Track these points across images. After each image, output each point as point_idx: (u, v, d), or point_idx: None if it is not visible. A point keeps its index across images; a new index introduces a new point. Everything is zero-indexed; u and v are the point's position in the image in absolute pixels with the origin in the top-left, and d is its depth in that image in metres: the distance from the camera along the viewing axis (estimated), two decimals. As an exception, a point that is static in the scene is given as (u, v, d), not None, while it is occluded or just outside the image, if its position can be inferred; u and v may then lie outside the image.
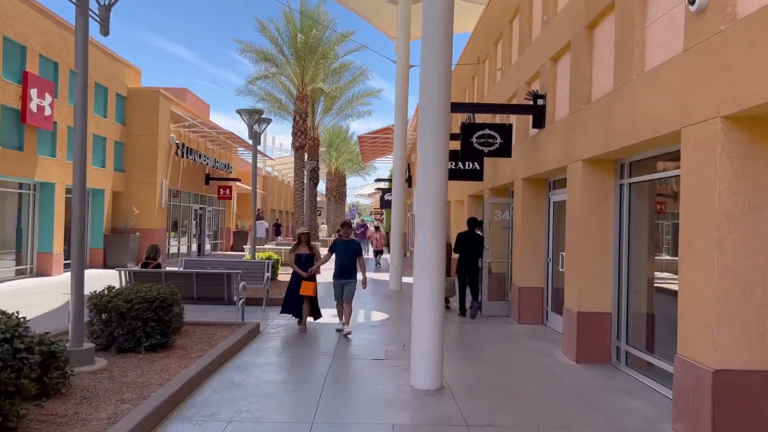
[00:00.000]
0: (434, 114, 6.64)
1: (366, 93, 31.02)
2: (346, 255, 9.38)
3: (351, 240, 9.58)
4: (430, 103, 6.67)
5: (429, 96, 6.67)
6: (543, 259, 10.81)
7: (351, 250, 9.43)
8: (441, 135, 6.64)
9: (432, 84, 6.66)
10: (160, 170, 22.17)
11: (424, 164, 6.67)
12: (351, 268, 9.38)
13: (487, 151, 9.68)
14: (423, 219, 6.64)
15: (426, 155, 6.66)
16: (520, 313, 10.86)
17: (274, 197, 46.18)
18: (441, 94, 6.61)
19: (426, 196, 6.66)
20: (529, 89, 10.12)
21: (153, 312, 7.23)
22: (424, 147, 6.69)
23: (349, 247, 9.45)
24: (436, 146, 6.67)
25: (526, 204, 10.84)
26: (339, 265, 9.38)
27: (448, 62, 6.77)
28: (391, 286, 15.71)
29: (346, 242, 9.50)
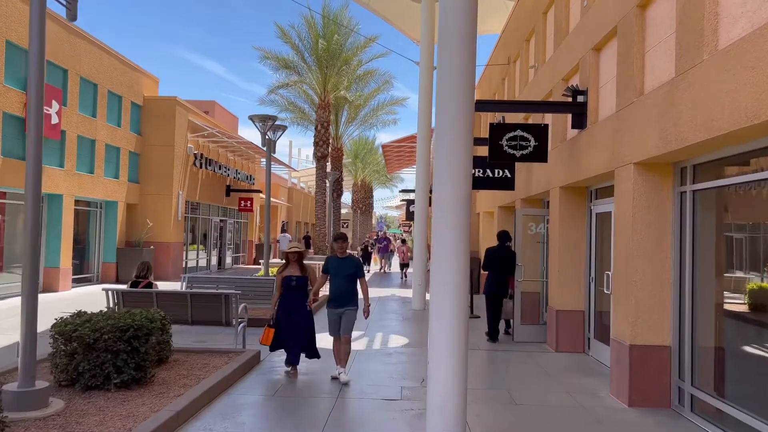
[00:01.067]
0: (454, 108, 5.48)
1: (391, 101, 30.03)
2: (343, 275, 7.44)
3: (348, 257, 7.59)
4: (450, 95, 5.50)
5: (448, 85, 5.51)
6: (584, 278, 9.50)
7: (348, 269, 7.46)
8: (462, 133, 5.48)
9: (452, 70, 5.51)
10: (176, 181, 21.39)
11: (441, 168, 5.50)
12: (349, 291, 7.45)
13: (519, 155, 8.45)
14: (441, 230, 5.46)
15: (444, 156, 5.49)
16: (558, 339, 9.55)
17: (299, 209, 45.38)
18: (462, 81, 5.45)
19: (446, 205, 5.48)
20: (567, 85, 8.89)
21: (126, 342, 6.16)
22: (440, 148, 5.52)
23: (346, 266, 7.48)
24: (457, 146, 5.50)
25: (564, 216, 9.57)
26: (334, 289, 7.48)
27: (472, 46, 5.61)
28: (414, 304, 14.49)
29: (341, 260, 7.53)
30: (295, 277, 7.68)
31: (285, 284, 7.67)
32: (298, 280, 7.69)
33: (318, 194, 25.64)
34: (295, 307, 7.69)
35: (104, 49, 18.47)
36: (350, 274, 7.45)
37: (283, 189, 40.71)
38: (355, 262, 7.60)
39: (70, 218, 16.89)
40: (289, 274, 7.69)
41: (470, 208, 5.54)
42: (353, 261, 7.61)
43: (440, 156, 5.53)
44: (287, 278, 7.68)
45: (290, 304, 7.71)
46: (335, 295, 7.46)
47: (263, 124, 14.32)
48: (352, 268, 7.49)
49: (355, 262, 7.60)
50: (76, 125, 16.99)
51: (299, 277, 7.69)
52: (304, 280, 7.73)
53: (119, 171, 19.64)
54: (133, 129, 20.60)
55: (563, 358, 9.13)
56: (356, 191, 51.72)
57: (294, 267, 7.73)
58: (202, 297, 8.71)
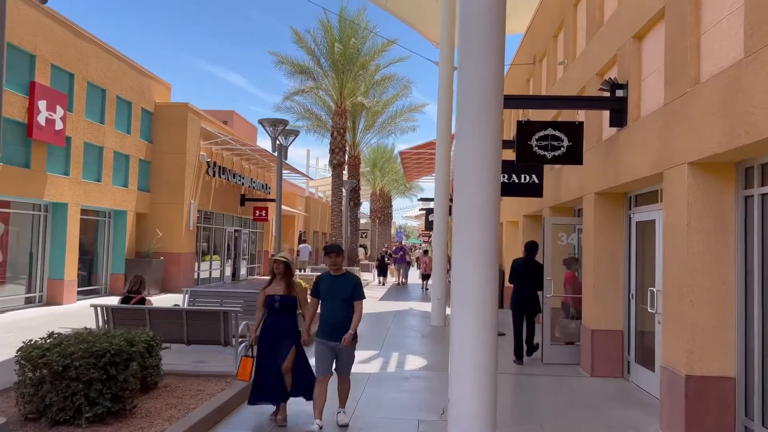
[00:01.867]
0: (480, 101, 4.65)
1: (410, 108, 29.21)
2: (338, 298, 5.81)
3: (344, 274, 5.95)
4: (475, 85, 4.67)
5: (472, 73, 4.68)
6: (622, 294, 8.54)
7: (344, 290, 5.83)
8: (490, 131, 4.64)
9: (477, 55, 4.67)
10: (188, 190, 20.76)
11: (464, 169, 4.65)
12: (347, 319, 5.80)
13: (551, 156, 7.55)
14: (464, 241, 4.59)
15: (468, 157, 4.64)
16: (594, 362, 8.57)
17: (317, 219, 44.72)
18: (490, 68, 4.61)
19: (469, 212, 4.62)
20: (603, 80, 7.98)
21: (101, 370, 5.36)
22: (463, 148, 4.68)
23: (341, 286, 5.85)
24: (483, 145, 4.66)
25: (600, 225, 8.62)
26: (326, 316, 5.84)
27: (501, 25, 4.77)
28: (434, 320, 13.57)
29: (336, 278, 5.91)
30: (279, 296, 6.04)
31: (267, 305, 6.09)
32: (283, 301, 6.02)
33: (334, 203, 24.85)
34: (280, 336, 6.00)
35: (113, 54, 17.93)
36: (347, 297, 5.80)
37: (300, 198, 40.08)
38: (353, 281, 5.90)
39: (76, 228, 16.27)
40: (272, 293, 6.09)
41: (498, 215, 4.67)
42: (351, 280, 5.89)
43: (463, 157, 4.68)
44: (270, 298, 6.07)
45: (273, 332, 6.03)
46: (328, 325, 5.79)
47: (274, 128, 13.56)
48: (349, 289, 5.82)
49: (353, 281, 5.90)
50: (83, 131, 16.41)
51: (285, 297, 6.04)
52: (290, 301, 6.06)
53: (128, 179, 19.05)
54: (144, 136, 20.02)
55: (600, 384, 8.16)
56: (375, 200, 50.90)
57: (280, 283, 6.15)
58: (199, 314, 7.91)
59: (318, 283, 5.98)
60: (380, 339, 11.47)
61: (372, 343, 10.98)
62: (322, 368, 5.84)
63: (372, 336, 11.91)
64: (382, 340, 11.39)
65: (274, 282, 6.20)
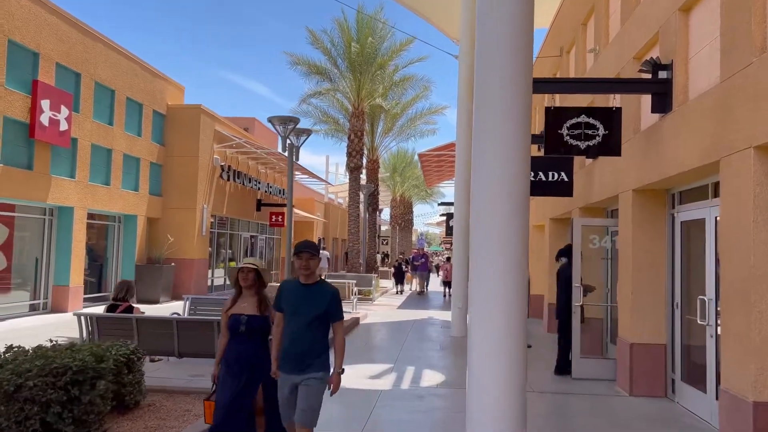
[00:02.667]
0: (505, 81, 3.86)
1: (430, 110, 28.35)
2: (306, 316, 4.23)
3: (317, 283, 4.33)
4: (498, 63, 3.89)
5: (493, 49, 3.90)
6: (665, 304, 7.58)
7: (315, 305, 4.24)
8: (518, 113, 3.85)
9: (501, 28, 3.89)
10: (200, 194, 20.15)
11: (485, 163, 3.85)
12: (315, 345, 4.24)
13: (584, 146, 6.67)
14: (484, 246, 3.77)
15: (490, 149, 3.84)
16: (633, 379, 7.62)
17: (336, 225, 44.00)
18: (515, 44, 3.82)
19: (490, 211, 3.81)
20: (643, 61, 7.08)
21: (61, 390, 4.61)
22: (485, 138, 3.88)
23: (312, 299, 4.26)
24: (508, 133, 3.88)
25: (639, 226, 7.69)
26: (289, 339, 4.25)
27: None
28: (453, 330, 12.67)
29: (306, 288, 4.30)
30: (246, 317, 4.56)
31: (231, 328, 4.59)
32: (252, 323, 4.55)
33: (351, 207, 24.09)
34: (246, 368, 4.53)
35: (123, 54, 17.41)
36: (318, 315, 4.20)
37: (319, 204, 39.39)
38: (329, 293, 4.28)
39: (82, 232, 15.71)
40: (238, 312, 4.61)
41: (528, 204, 3.83)
42: (327, 291, 4.28)
43: (485, 148, 3.88)
44: (234, 319, 4.59)
45: (237, 364, 4.53)
46: (291, 351, 4.21)
47: (284, 127, 12.84)
48: (322, 304, 4.22)
49: (329, 293, 4.28)
50: (90, 133, 15.87)
51: (254, 319, 4.57)
52: (261, 323, 4.59)
53: (139, 183, 18.48)
54: (156, 139, 19.47)
55: (641, 405, 7.21)
56: (395, 207, 50.09)
57: (248, 299, 4.66)
58: (192, 324, 7.16)
59: (281, 293, 4.34)
60: (395, 351, 10.62)
61: (386, 356, 10.14)
62: (286, 412, 4.31)
63: (387, 347, 11.07)
64: (398, 352, 10.54)
65: (240, 298, 4.69)
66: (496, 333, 3.90)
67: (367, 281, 20.32)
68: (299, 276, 4.31)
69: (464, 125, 13.19)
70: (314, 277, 4.31)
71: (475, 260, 3.98)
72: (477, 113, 4.13)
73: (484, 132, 4.04)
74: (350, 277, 19.87)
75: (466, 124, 13.16)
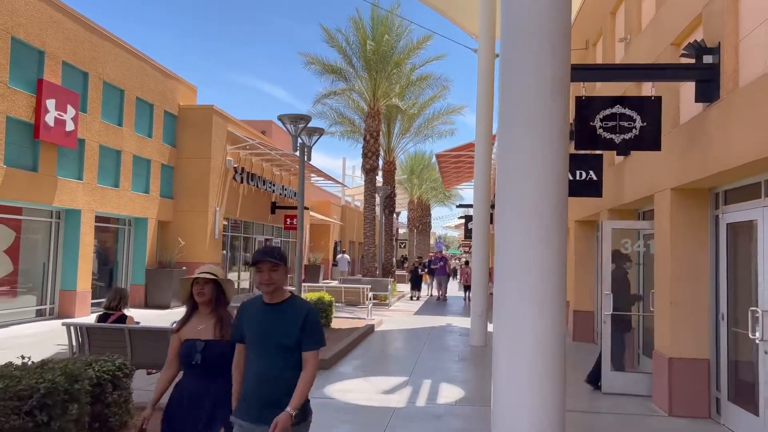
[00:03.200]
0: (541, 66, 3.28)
1: (448, 110, 27.65)
2: (270, 345, 3.22)
3: (286, 301, 3.31)
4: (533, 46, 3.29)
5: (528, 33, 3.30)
6: (709, 314, 6.87)
7: (282, 332, 3.21)
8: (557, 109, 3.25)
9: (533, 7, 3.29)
10: (212, 197, 19.69)
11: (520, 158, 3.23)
12: (282, 382, 3.18)
13: (620, 140, 6.00)
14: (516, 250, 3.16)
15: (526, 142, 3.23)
16: (672, 397, 6.91)
17: (353, 229, 43.49)
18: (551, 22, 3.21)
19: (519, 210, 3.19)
20: (684, 48, 6.40)
21: (26, 416, 4.06)
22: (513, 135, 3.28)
23: (278, 322, 3.24)
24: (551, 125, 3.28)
25: (678, 229, 6.99)
26: (251, 373, 3.25)
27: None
28: (473, 339, 11.99)
29: (271, 309, 3.28)
30: (203, 342, 3.50)
31: (183, 357, 3.52)
32: (210, 351, 3.48)
33: (366, 210, 23.47)
34: (202, 411, 3.45)
35: (132, 53, 17.01)
36: (288, 345, 3.19)
37: (335, 207, 38.90)
38: (302, 313, 3.24)
39: (90, 236, 15.30)
40: (191, 337, 3.55)
41: (566, 217, 3.21)
42: (298, 311, 3.25)
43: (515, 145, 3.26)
44: (188, 345, 3.52)
45: (190, 406, 3.47)
46: (253, 394, 3.21)
47: (294, 125, 12.29)
48: (293, 329, 3.20)
49: (302, 313, 3.24)
50: (98, 134, 15.46)
51: (212, 344, 3.50)
52: (222, 350, 3.49)
53: (149, 185, 18.06)
54: (167, 140, 19.06)
55: (682, 427, 6.50)
56: (412, 209, 49.43)
57: (204, 318, 3.60)
58: (189, 335, 6.58)
59: (240, 317, 3.35)
60: (411, 362, 9.99)
61: (402, 367, 9.52)
62: None
63: (402, 357, 10.44)
64: (414, 362, 9.91)
65: (194, 317, 3.63)
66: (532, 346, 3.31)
67: (383, 286, 19.69)
68: (263, 293, 3.28)
69: (484, 123, 12.53)
70: (281, 293, 3.28)
71: (507, 265, 3.37)
72: (506, 104, 3.51)
73: (516, 125, 3.42)
74: (365, 282, 19.25)
75: (486, 122, 12.51)
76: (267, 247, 3.32)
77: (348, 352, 10.62)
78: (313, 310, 3.28)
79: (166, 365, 3.64)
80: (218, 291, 3.65)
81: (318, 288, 16.14)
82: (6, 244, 13.38)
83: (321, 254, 32.99)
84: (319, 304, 12.99)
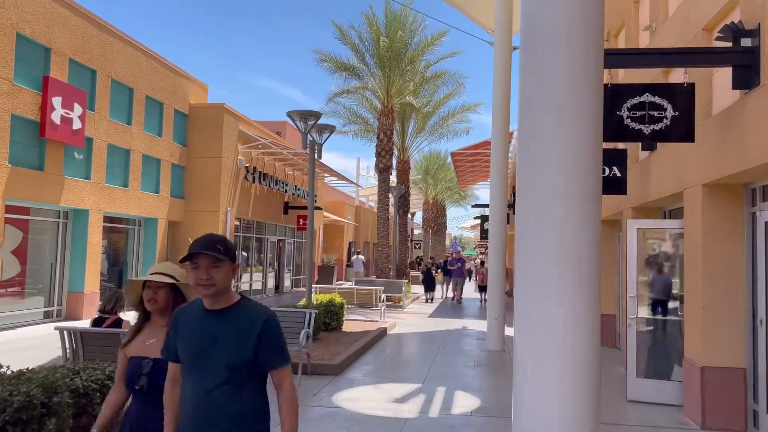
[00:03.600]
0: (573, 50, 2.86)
1: (463, 108, 27.16)
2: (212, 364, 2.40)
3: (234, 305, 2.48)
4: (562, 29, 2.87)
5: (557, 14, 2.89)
6: (744, 320, 6.37)
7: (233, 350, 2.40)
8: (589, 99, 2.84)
9: None
10: (224, 197, 19.41)
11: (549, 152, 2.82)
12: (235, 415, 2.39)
13: (649, 130, 5.53)
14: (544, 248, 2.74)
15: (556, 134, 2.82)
16: (705, 410, 6.42)
17: (367, 229, 43.11)
18: None
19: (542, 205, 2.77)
20: (720, 30, 5.91)
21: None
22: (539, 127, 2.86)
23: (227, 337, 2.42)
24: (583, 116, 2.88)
25: (710, 228, 6.50)
26: (191, 409, 2.41)
27: None
28: (489, 343, 11.54)
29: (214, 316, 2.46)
30: (151, 361, 2.82)
31: (128, 379, 2.86)
32: (160, 371, 2.76)
33: (380, 210, 23.07)
34: None
35: (142, 51, 16.78)
36: (236, 364, 2.40)
37: (349, 208, 38.56)
38: (257, 322, 2.44)
39: (98, 236, 15.06)
40: (139, 354, 2.87)
41: (599, 216, 2.78)
42: (251, 320, 2.45)
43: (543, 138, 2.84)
44: (135, 364, 2.85)
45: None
46: (192, 426, 2.42)
47: (304, 122, 11.92)
48: (244, 343, 2.42)
49: (257, 322, 2.44)
50: (106, 132, 15.22)
51: (163, 363, 2.71)
52: None
53: (159, 185, 17.81)
54: (177, 139, 18.81)
55: (718, 442, 6.02)
56: (427, 210, 48.94)
57: (158, 331, 2.90)
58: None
59: (174, 328, 2.56)
60: (425, 367, 9.56)
61: (415, 373, 9.10)
62: None
63: (416, 362, 10.02)
64: (428, 368, 9.48)
65: (145, 329, 2.95)
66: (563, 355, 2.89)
67: (396, 287, 19.26)
68: (203, 296, 2.45)
69: (501, 119, 12.07)
70: (227, 296, 2.47)
71: (532, 264, 2.94)
72: (530, 94, 3.09)
73: (543, 116, 3.00)
74: (379, 283, 18.84)
75: (503, 118, 12.05)
76: (207, 236, 2.49)
77: (359, 357, 10.22)
78: (272, 317, 2.46)
79: (113, 388, 2.95)
80: (176, 296, 2.91)
81: (330, 290, 15.76)
82: (14, 245, 13.16)
83: (335, 255, 32.65)
84: (330, 306, 12.62)
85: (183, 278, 2.96)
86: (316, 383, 8.14)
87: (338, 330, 12.63)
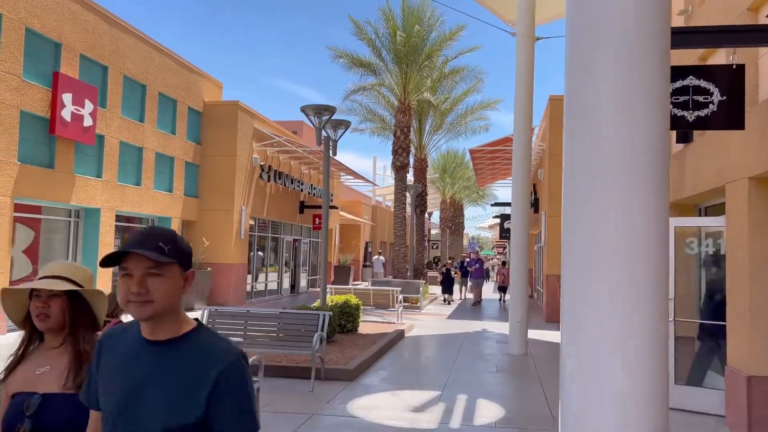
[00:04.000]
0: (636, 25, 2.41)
1: (482, 105, 26.62)
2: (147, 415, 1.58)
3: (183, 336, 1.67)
4: None
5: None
6: (796, 325, 5.83)
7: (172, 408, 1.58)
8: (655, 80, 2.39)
9: None
10: (238, 196, 19.09)
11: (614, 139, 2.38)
12: None
13: (694, 117, 5.03)
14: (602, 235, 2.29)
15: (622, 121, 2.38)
16: (752, 423, 5.89)
17: (384, 229, 42.68)
18: None
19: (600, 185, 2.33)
20: (763, 12, 5.38)
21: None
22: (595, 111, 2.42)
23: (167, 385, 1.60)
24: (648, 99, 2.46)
25: (757, 225, 5.97)
26: None
27: None
28: (511, 347, 11.04)
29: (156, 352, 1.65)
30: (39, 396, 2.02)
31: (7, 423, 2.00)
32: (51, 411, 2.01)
33: (397, 209, 22.61)
34: None
35: (155, 47, 16.50)
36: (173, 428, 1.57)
37: (366, 207, 38.15)
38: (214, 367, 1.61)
39: (110, 235, 14.79)
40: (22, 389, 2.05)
41: (667, 213, 2.33)
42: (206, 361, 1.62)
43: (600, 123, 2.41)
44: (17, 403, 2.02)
45: None
46: None
47: (318, 117, 11.52)
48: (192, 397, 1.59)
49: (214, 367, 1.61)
50: (118, 130, 14.95)
51: (56, 400, 2.02)
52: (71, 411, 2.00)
53: (173, 184, 17.53)
54: (191, 137, 18.52)
55: (768, 459, 5.49)
56: (445, 209, 48.39)
57: (51, 354, 2.13)
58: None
59: (97, 360, 1.76)
60: (444, 373, 9.11)
61: (433, 379, 8.64)
62: None
63: (434, 367, 9.56)
64: (447, 374, 9.02)
65: (34, 354, 2.18)
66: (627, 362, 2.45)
67: (414, 288, 18.80)
68: (137, 316, 1.63)
69: (523, 114, 11.57)
70: (173, 322, 1.69)
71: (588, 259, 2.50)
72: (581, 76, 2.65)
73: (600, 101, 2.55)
74: (396, 284, 18.40)
75: (525, 113, 11.55)
76: (148, 229, 1.71)
77: (375, 361, 9.79)
78: (236, 362, 1.64)
79: None
80: (75, 309, 2.14)
81: (345, 290, 15.35)
82: (25, 244, 12.93)
83: (351, 255, 32.26)
84: (346, 307, 12.22)
85: (88, 282, 2.18)
86: (329, 389, 7.73)
87: (354, 332, 12.22)
